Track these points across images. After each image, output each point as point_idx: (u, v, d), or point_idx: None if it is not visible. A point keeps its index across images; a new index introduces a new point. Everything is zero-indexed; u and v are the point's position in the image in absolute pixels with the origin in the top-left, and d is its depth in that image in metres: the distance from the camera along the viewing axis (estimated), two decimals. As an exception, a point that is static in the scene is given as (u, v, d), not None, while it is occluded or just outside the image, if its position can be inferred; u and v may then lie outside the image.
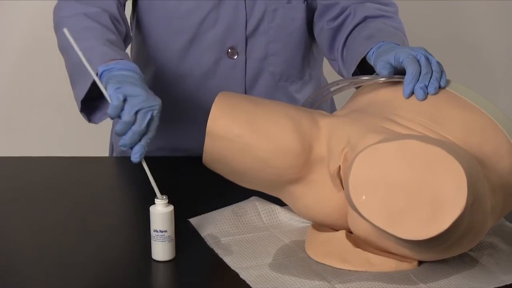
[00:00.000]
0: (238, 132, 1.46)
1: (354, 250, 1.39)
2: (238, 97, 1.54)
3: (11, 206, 1.69)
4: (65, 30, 1.38)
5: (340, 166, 1.42)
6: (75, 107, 1.59)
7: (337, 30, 1.81)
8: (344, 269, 1.38)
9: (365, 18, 1.76)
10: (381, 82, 1.50)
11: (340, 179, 1.43)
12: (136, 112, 1.41)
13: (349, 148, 1.41)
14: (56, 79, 2.84)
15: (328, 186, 1.44)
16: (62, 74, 2.80)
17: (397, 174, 1.27)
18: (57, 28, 1.73)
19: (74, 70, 1.62)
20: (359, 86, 1.61)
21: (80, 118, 1.62)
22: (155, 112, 1.42)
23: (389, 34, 1.66)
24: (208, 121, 1.48)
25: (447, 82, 1.47)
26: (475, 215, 1.29)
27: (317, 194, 1.45)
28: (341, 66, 1.79)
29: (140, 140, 1.42)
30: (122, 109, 1.40)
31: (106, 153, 2.13)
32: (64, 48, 1.66)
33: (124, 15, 1.80)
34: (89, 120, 1.62)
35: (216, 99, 1.50)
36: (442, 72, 1.47)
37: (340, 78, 1.68)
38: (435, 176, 1.25)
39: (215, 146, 1.47)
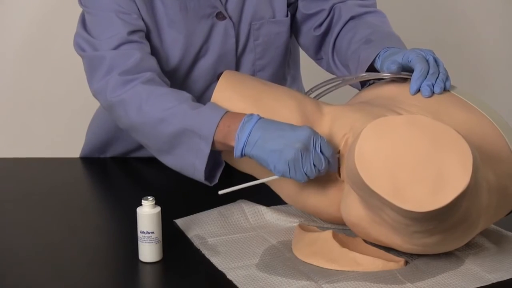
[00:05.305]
0: (242, 105, 1.48)
1: (341, 250, 1.40)
2: (244, 75, 1.58)
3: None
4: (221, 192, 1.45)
5: (339, 151, 1.45)
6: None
7: (324, 34, 1.82)
8: (331, 269, 1.38)
9: (352, 18, 1.78)
10: (389, 78, 1.54)
11: (338, 165, 1.45)
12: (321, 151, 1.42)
13: (351, 133, 1.43)
14: (55, 80, 2.84)
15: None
16: (60, 74, 2.81)
17: (404, 146, 1.31)
18: (119, 106, 1.60)
19: (176, 140, 1.54)
20: (364, 83, 1.65)
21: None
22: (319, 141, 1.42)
23: (388, 37, 1.67)
24: (214, 92, 1.50)
25: (453, 87, 1.51)
26: (472, 204, 1.31)
27: (312, 180, 1.46)
28: (332, 66, 1.80)
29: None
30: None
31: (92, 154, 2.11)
32: (152, 122, 1.55)
33: None
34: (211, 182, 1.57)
35: (223, 74, 1.52)
36: (447, 75, 1.51)
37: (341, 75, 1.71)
38: (442, 152, 1.29)
39: None
